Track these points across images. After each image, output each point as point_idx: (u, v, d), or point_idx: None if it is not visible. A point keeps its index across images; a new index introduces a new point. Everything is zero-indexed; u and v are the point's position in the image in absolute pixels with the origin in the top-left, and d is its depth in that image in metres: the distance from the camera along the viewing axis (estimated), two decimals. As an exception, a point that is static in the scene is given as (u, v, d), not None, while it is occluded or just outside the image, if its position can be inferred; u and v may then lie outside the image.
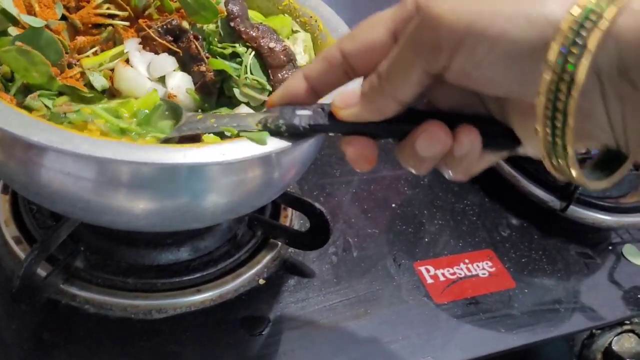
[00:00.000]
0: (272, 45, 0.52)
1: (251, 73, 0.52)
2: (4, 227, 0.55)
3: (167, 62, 0.50)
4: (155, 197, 0.42)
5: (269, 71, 0.52)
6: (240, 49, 0.51)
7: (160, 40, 0.50)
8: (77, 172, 0.40)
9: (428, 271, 0.64)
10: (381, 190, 0.73)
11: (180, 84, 0.49)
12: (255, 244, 0.61)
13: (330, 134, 0.39)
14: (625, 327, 0.64)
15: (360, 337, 0.56)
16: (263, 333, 0.54)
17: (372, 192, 0.73)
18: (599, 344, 0.63)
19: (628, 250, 0.73)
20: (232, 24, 0.52)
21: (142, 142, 0.42)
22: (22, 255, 0.53)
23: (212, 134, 0.41)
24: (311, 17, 0.58)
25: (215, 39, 0.53)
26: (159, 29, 0.50)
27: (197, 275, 0.56)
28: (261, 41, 0.51)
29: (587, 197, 0.75)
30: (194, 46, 0.50)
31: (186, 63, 0.51)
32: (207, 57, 0.50)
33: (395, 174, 0.77)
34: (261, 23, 0.53)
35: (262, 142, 0.39)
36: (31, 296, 0.49)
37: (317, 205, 0.57)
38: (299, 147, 0.43)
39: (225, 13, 0.52)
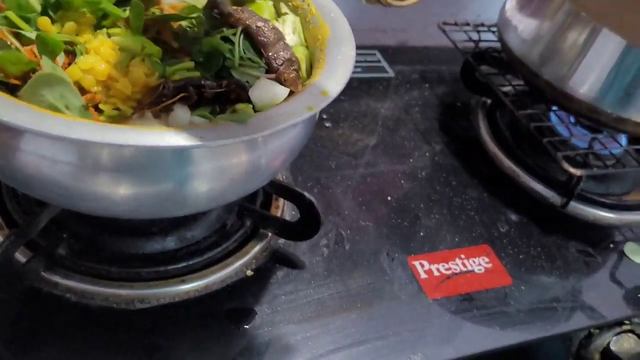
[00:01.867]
0: (259, 24, 0.51)
1: (244, 52, 0.51)
2: (-15, 213, 0.54)
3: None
4: (134, 182, 0.41)
5: (261, 49, 0.51)
6: (228, 31, 0.49)
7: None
8: (52, 155, 0.39)
9: (422, 266, 0.62)
10: (377, 183, 0.72)
11: None
12: (244, 234, 0.59)
13: None
14: (625, 327, 0.62)
15: (349, 332, 0.54)
16: (249, 326, 0.53)
17: (368, 185, 0.71)
18: (597, 344, 0.61)
19: (630, 248, 0.71)
20: (217, 10, 0.51)
21: (122, 124, 0.40)
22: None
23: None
24: (303, 1, 0.56)
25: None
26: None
27: (182, 264, 0.54)
28: (248, 21, 0.49)
29: (588, 193, 0.73)
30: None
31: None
32: None
33: (393, 167, 0.75)
34: (244, 7, 0.52)
35: (242, 121, 0.38)
36: (9, 282, 0.47)
37: (306, 194, 0.55)
38: (285, 132, 0.42)
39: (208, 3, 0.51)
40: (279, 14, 0.59)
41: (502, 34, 0.79)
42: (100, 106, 0.41)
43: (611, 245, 0.72)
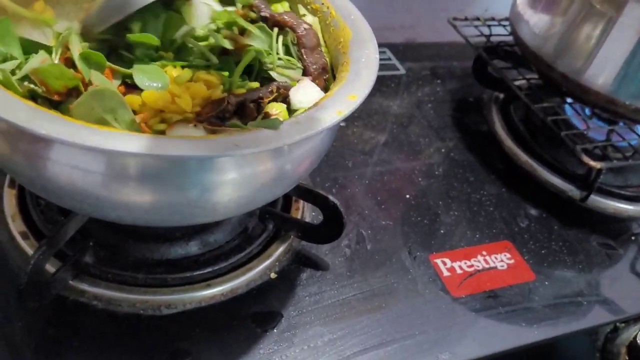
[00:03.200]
0: (306, 26, 0.52)
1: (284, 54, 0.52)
2: (10, 222, 0.54)
3: None
4: (166, 191, 0.40)
5: (302, 51, 0.52)
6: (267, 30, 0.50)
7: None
8: (84, 165, 0.38)
9: (444, 264, 0.62)
10: (395, 181, 0.72)
11: None
12: (267, 237, 0.59)
13: None
14: (651, 321, 0.62)
15: (376, 332, 0.54)
16: (275, 328, 0.53)
17: (385, 184, 0.71)
18: (623, 338, 0.61)
19: (651, 240, 0.71)
20: (262, 13, 0.52)
21: (153, 134, 0.40)
22: (29, 250, 0.52)
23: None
24: (322, 3, 0.56)
25: None
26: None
27: (207, 269, 0.54)
28: (294, 24, 0.50)
29: (608, 186, 0.73)
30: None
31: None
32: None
33: (409, 164, 0.75)
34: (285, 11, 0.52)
35: (274, 127, 0.38)
36: (39, 293, 0.47)
37: (330, 197, 0.55)
38: (314, 137, 0.42)
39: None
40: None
41: (515, 28, 0.79)
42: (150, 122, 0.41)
43: (632, 238, 0.72)
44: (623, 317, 0.62)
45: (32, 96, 0.41)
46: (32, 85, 0.41)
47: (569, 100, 0.78)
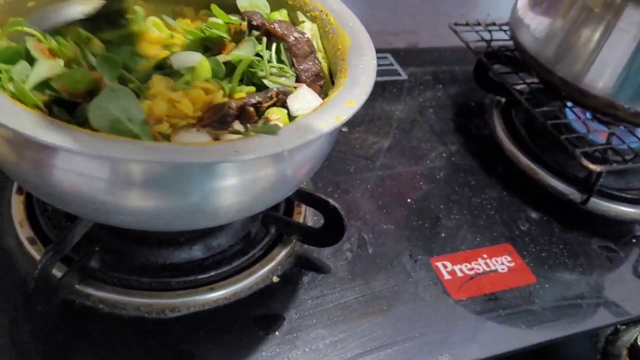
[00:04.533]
0: (297, 35, 0.53)
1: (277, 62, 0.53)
2: (18, 228, 0.55)
3: None
4: (169, 197, 0.41)
5: (294, 60, 0.53)
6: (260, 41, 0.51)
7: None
8: (89, 172, 0.40)
9: (445, 267, 0.63)
10: (396, 185, 0.72)
11: None
12: (269, 241, 0.60)
13: None
14: (651, 322, 0.63)
15: (376, 335, 0.55)
16: (277, 331, 0.53)
17: (387, 188, 0.72)
18: (624, 340, 0.62)
19: (652, 243, 0.72)
20: (254, 23, 0.53)
21: (154, 141, 0.41)
22: (36, 256, 0.53)
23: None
24: (321, 11, 0.57)
25: None
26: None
27: (211, 273, 0.55)
28: (285, 33, 0.51)
29: (609, 189, 0.73)
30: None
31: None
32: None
33: (411, 169, 0.76)
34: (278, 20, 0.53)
35: (273, 132, 0.39)
36: (46, 298, 0.48)
37: (331, 201, 0.56)
38: (313, 142, 0.43)
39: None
40: (295, 23, 0.59)
41: (515, 33, 0.80)
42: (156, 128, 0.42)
43: (633, 240, 0.72)
44: (624, 319, 0.62)
45: (47, 103, 0.42)
46: (49, 92, 0.42)
47: (569, 104, 0.79)
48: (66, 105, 0.42)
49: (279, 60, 0.52)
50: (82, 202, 0.41)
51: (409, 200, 0.71)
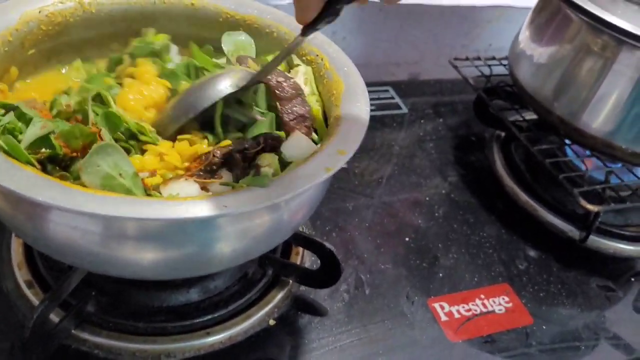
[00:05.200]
0: (280, 79, 0.53)
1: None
2: (17, 271, 0.56)
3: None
4: (161, 249, 0.42)
5: (277, 103, 0.53)
6: None
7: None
8: (83, 226, 0.40)
9: (442, 308, 0.63)
10: (394, 223, 0.73)
11: None
12: (267, 282, 0.60)
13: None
14: (651, 364, 0.62)
15: (372, 379, 0.55)
16: (273, 376, 0.54)
17: (385, 226, 0.72)
18: (622, 384, 0.61)
19: (651, 281, 0.71)
20: (242, 65, 0.54)
21: (143, 197, 0.42)
22: (34, 299, 0.54)
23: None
24: (317, 55, 0.58)
25: None
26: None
27: (207, 317, 0.55)
28: (269, 77, 0.52)
29: (608, 226, 0.73)
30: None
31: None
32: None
33: (410, 207, 0.76)
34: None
35: (263, 185, 0.39)
36: (43, 344, 0.49)
37: (327, 244, 0.56)
38: (305, 192, 0.43)
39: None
40: (290, 66, 0.60)
41: (513, 70, 0.80)
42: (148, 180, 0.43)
43: (632, 279, 0.72)
44: (622, 362, 0.62)
45: (41, 160, 0.43)
46: (43, 150, 0.43)
47: (567, 141, 0.79)
48: (59, 162, 0.43)
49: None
50: (78, 254, 0.42)
51: (407, 238, 0.71)
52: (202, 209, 0.38)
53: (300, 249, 0.64)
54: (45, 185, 0.37)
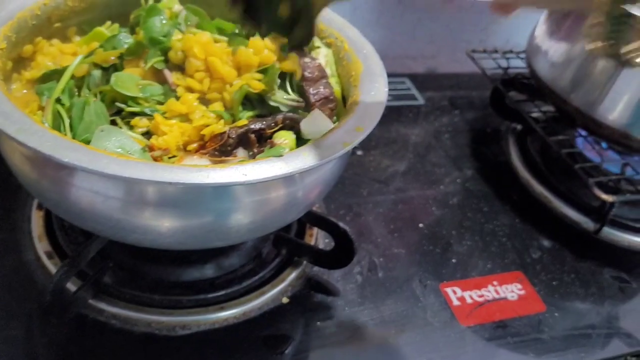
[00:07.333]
0: (306, 60, 0.54)
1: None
2: (37, 242, 0.57)
3: None
4: (180, 216, 0.43)
5: (304, 84, 0.54)
6: None
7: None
8: (105, 191, 0.41)
9: (455, 293, 0.63)
10: (409, 210, 0.73)
11: None
12: (280, 262, 0.61)
13: None
14: (662, 355, 0.62)
15: (384, 359, 0.55)
16: (286, 352, 0.54)
17: (399, 212, 0.72)
18: (634, 372, 0.61)
19: (666, 274, 0.71)
20: None
21: (167, 162, 0.43)
22: (53, 270, 0.55)
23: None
24: (337, 38, 0.58)
25: None
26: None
27: (222, 292, 0.56)
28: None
29: (621, 218, 0.73)
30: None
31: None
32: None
33: (424, 194, 0.76)
34: None
35: (279, 154, 0.40)
36: (61, 310, 0.50)
37: (341, 224, 0.57)
38: (322, 167, 0.44)
39: None
40: (310, 48, 0.61)
41: (531, 61, 0.80)
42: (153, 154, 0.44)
43: (646, 271, 0.72)
44: (634, 351, 0.61)
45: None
46: None
47: (583, 133, 0.79)
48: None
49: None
50: (98, 220, 0.43)
51: (420, 225, 0.71)
52: (222, 175, 0.39)
53: (315, 231, 0.65)
54: (71, 148, 0.38)
